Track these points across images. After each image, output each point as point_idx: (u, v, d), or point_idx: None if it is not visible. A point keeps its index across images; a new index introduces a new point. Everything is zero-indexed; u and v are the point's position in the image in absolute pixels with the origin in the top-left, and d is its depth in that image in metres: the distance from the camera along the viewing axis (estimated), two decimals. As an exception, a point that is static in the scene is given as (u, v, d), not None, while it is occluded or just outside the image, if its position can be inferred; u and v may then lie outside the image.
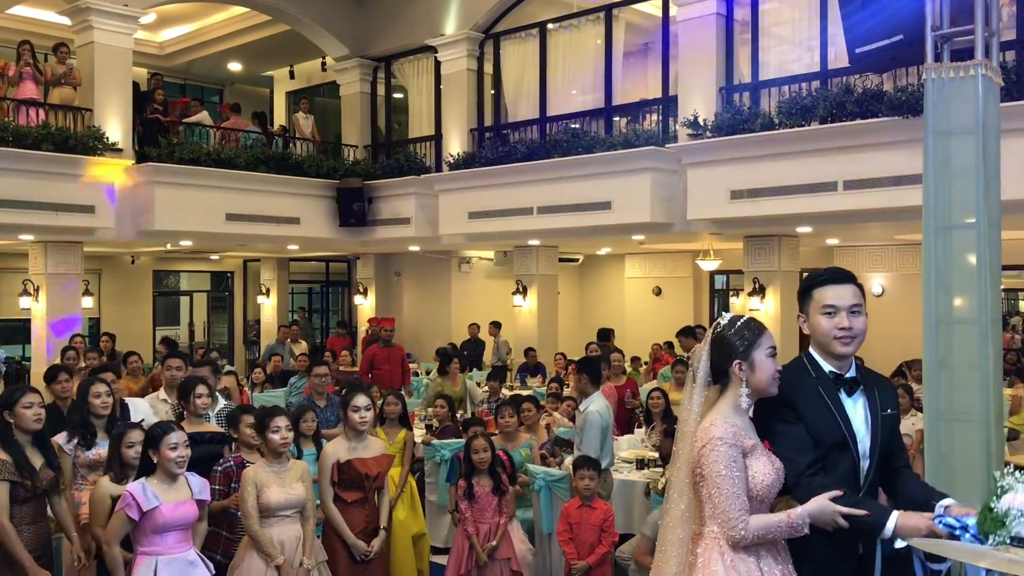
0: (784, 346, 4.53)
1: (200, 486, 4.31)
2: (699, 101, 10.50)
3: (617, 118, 12.10)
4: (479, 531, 5.40)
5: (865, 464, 3.03)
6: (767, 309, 11.12)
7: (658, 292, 16.87)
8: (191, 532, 4.24)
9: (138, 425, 4.74)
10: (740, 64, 10.69)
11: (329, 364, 8.26)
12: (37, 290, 12.37)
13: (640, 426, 8.11)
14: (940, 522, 2.73)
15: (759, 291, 11.20)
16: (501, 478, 5.53)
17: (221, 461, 5.03)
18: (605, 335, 11.70)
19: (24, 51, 11.48)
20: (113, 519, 4.13)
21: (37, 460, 4.50)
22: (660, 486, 5.54)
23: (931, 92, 4.06)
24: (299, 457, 5.21)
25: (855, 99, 8.96)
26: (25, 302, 12.67)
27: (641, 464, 6.91)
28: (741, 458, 2.86)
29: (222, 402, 6.23)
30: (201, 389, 5.41)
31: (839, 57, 9.36)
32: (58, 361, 8.79)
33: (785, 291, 11.00)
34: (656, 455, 6.86)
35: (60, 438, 5.00)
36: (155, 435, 4.22)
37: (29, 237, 11.86)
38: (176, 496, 4.15)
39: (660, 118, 11.63)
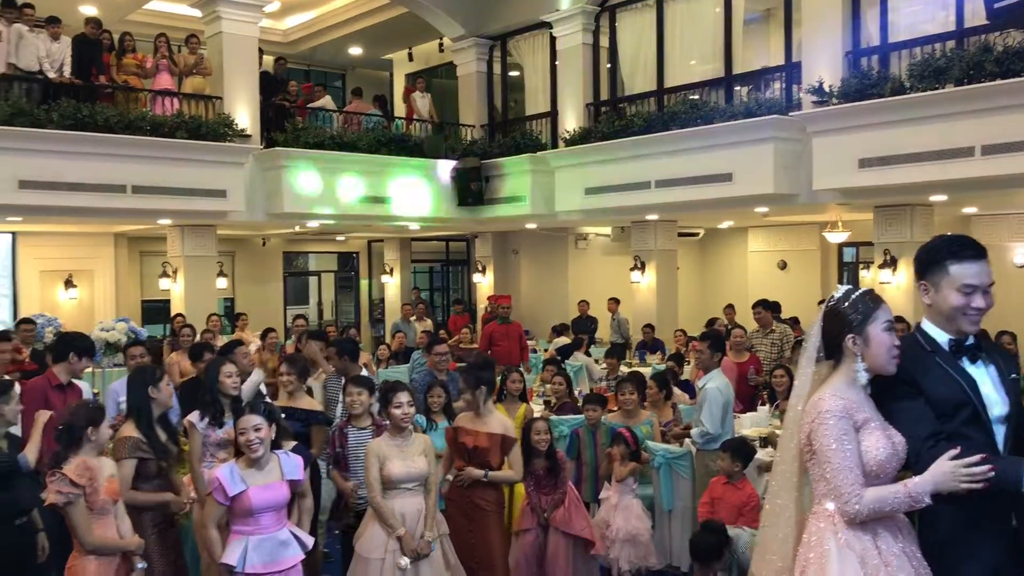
0: (916, 320, 4.32)
1: (292, 467, 4.27)
2: (824, 67, 10.10)
3: (738, 87, 11.77)
4: (530, 503, 5.47)
5: (1001, 432, 2.86)
6: (899, 282, 10.66)
7: (783, 266, 16.41)
8: (285, 512, 4.25)
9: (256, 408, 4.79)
10: (867, 26, 10.20)
11: (446, 341, 8.40)
12: (176, 272, 13.03)
13: (764, 404, 7.93)
14: None
15: (890, 263, 10.73)
16: (557, 458, 5.55)
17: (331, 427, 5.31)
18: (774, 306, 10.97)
19: (160, 44, 12.04)
20: (207, 503, 4.24)
21: (162, 436, 4.73)
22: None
23: (1078, 46, 3.78)
24: (426, 431, 5.34)
25: (995, 58, 8.43)
26: (165, 283, 13.37)
27: (765, 442, 6.76)
28: (853, 431, 2.76)
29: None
30: (282, 368, 5.54)
31: (976, 14, 8.84)
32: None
33: (918, 263, 10.50)
34: (781, 433, 6.68)
35: (193, 416, 5.18)
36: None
37: (167, 221, 12.49)
38: (265, 479, 4.15)
39: (783, 86, 11.25)
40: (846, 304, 2.91)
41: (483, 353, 10.62)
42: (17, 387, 4.75)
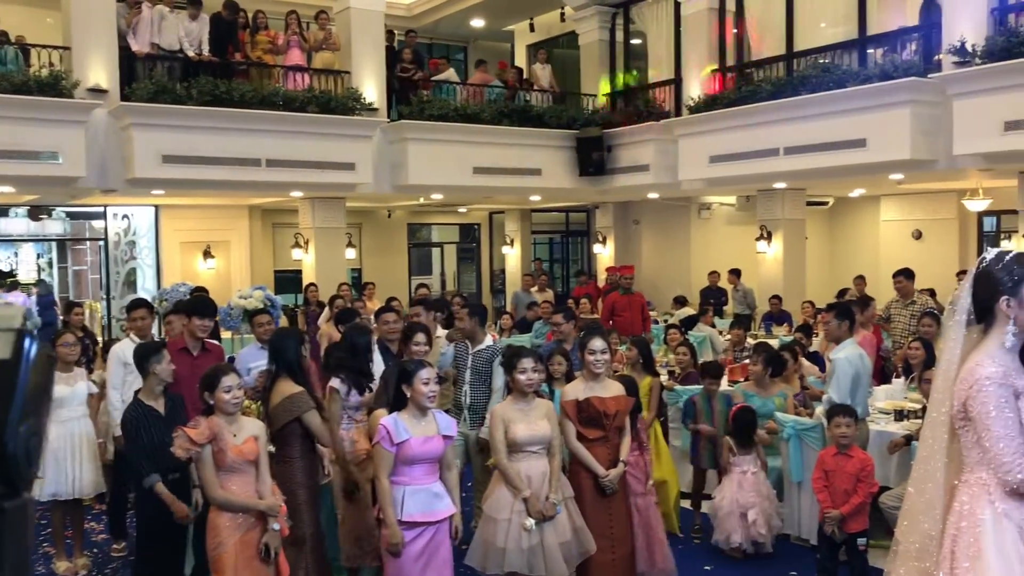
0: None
1: (447, 423, 4.48)
2: (966, 25, 9.57)
3: (872, 49, 11.29)
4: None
5: None
6: (1047, 252, 10.07)
7: (918, 236, 15.72)
8: (438, 466, 4.45)
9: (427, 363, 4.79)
10: (1017, -20, 9.62)
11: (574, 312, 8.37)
12: (307, 243, 13.50)
13: (899, 376, 7.67)
14: None
15: (1037, 232, 10.16)
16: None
17: None
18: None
19: (291, 20, 12.42)
20: (375, 454, 4.41)
21: None
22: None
23: None
24: (552, 397, 5.38)
25: None
26: (297, 254, 13.88)
27: (900, 415, 6.54)
28: (1013, 398, 2.65)
29: (487, 342, 6.52)
30: (419, 338, 5.62)
31: None
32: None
33: (1069, 232, 9.90)
34: (916, 406, 6.48)
35: (335, 382, 5.33)
36: (409, 371, 4.42)
37: (299, 194, 12.93)
38: (425, 431, 4.35)
39: (920, 47, 10.73)
40: (999, 266, 2.79)
41: (597, 320, 10.62)
42: (165, 351, 5.05)
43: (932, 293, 11.24)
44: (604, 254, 17.02)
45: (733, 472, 6.11)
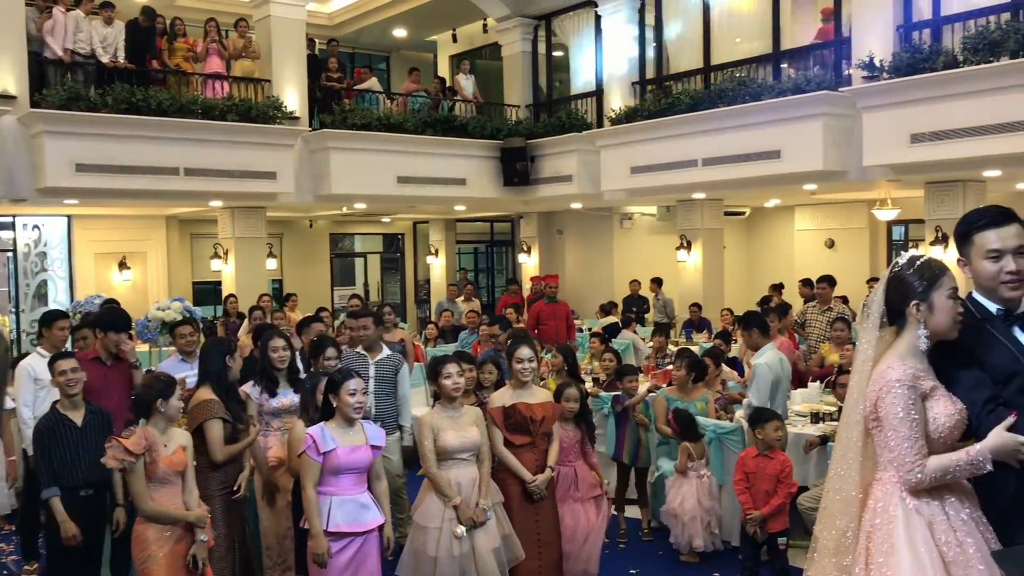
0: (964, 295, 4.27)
1: (375, 433, 4.48)
2: (874, 42, 9.95)
3: (785, 64, 11.65)
4: (559, 472, 5.27)
5: None
6: (950, 260, 10.48)
7: (831, 244, 16.23)
8: (366, 476, 4.43)
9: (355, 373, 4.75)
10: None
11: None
12: (226, 253, 13.26)
13: (815, 380, 7.91)
14: None
15: (942, 240, 10.58)
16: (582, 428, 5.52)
17: None
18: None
19: (210, 28, 12.20)
20: (302, 464, 4.37)
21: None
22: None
23: None
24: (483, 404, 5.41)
25: (1052, 29, 8.26)
26: (216, 265, 13.61)
27: (816, 418, 6.75)
28: (920, 401, 2.76)
29: (386, 351, 6.51)
30: (330, 352, 5.64)
31: (1034, -15, 8.64)
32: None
33: (971, 240, 10.34)
34: (832, 409, 6.70)
35: (247, 387, 5.35)
36: (336, 381, 4.42)
37: (219, 203, 12.70)
38: (352, 441, 4.35)
39: (832, 61, 11.11)
40: (911, 271, 2.90)
41: (524, 329, 10.68)
42: (67, 361, 4.91)
43: (845, 300, 11.64)
44: (529, 264, 17.13)
45: (691, 476, 6.19)
